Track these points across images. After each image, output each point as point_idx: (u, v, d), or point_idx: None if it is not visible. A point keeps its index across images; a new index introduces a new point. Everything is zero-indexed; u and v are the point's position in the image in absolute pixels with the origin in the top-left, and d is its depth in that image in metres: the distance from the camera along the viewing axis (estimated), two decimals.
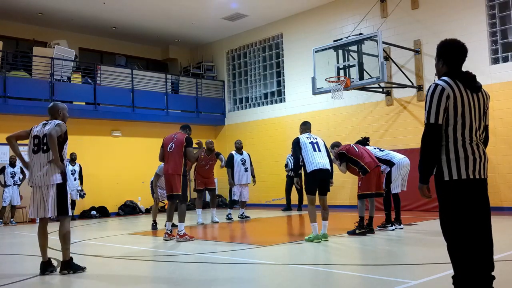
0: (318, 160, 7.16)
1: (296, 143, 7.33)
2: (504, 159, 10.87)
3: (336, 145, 8.38)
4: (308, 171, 7.15)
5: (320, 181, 7.19)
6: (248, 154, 11.45)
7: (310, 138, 7.41)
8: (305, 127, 7.68)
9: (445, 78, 3.16)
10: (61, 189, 5.26)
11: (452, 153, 3.09)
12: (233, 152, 11.30)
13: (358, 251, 6.58)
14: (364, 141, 8.70)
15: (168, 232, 7.93)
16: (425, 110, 3.16)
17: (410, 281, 4.26)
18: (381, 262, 5.48)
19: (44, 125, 5.52)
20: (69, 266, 5.26)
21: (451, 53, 3.25)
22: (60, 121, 5.47)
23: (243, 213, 11.45)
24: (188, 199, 8.85)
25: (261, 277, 5.05)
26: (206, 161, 10.64)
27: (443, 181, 3.12)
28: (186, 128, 8.52)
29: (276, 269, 5.43)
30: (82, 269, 5.33)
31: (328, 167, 7.24)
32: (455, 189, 3.09)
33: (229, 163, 11.13)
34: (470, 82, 3.15)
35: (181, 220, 7.73)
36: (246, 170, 11.15)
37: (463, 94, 3.10)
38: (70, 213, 5.39)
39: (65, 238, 5.27)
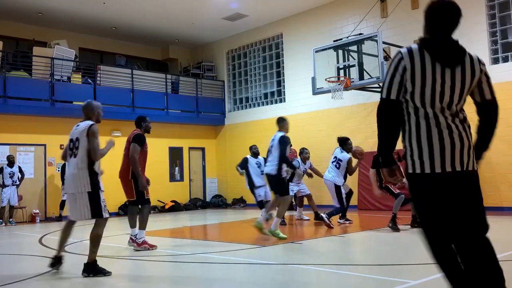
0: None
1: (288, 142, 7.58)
2: (504, 159, 10.86)
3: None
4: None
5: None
6: (264, 158, 11.55)
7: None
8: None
9: (414, 45, 2.61)
10: (93, 195, 5.08)
11: (414, 139, 2.56)
12: (248, 156, 11.30)
13: (358, 251, 6.58)
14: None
15: (133, 237, 7.03)
16: None
17: (410, 281, 4.26)
18: (381, 262, 5.48)
19: (77, 126, 5.31)
20: (92, 270, 5.07)
21: (430, 16, 2.67)
22: (92, 123, 5.22)
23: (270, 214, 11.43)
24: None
25: (261, 277, 5.05)
26: None
27: (407, 173, 2.63)
28: (139, 121, 7.38)
29: (276, 269, 5.42)
30: (105, 273, 5.08)
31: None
32: (420, 185, 2.57)
33: (243, 165, 11.16)
34: (442, 54, 2.55)
35: (142, 227, 6.86)
36: (262, 173, 11.22)
37: (427, 67, 2.51)
38: (106, 215, 5.20)
39: (93, 240, 5.15)
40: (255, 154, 11.40)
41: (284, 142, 7.41)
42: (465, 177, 2.53)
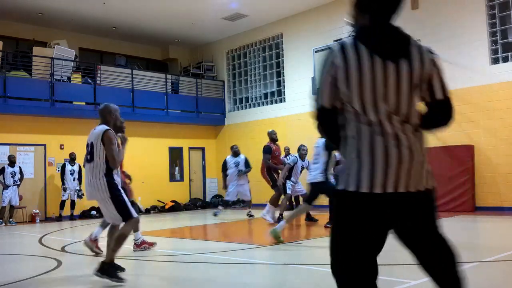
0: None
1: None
2: (504, 159, 10.86)
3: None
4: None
5: None
6: (245, 158, 11.83)
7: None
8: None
9: (348, 39, 2.12)
10: (117, 200, 4.77)
11: (352, 150, 2.01)
12: (227, 157, 11.88)
13: None
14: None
15: (93, 239, 6.57)
16: None
17: (410, 281, 4.26)
18: (381, 262, 5.46)
19: (94, 130, 4.99)
20: (107, 271, 4.65)
21: None
22: (107, 128, 4.88)
23: (249, 212, 11.76)
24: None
25: (261, 277, 5.05)
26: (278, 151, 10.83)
27: (336, 190, 2.11)
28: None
29: (276, 269, 5.42)
30: (119, 279, 4.62)
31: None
32: (350, 207, 2.03)
33: (223, 168, 11.90)
34: (380, 44, 2.03)
35: (135, 228, 6.70)
36: (239, 172, 11.61)
37: (364, 63, 1.99)
38: (135, 215, 4.84)
39: (118, 239, 4.78)
40: (235, 153, 11.79)
41: (332, 147, 7.04)
42: (412, 199, 1.99)
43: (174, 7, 14.26)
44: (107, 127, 4.90)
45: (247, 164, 11.70)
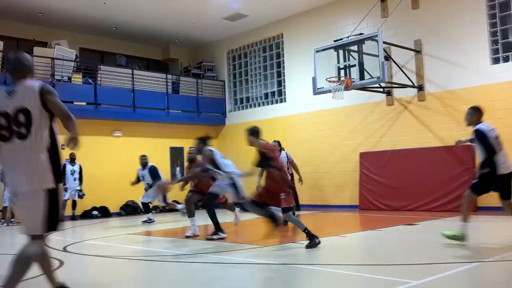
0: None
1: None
2: None
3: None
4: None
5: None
6: (151, 168, 11.79)
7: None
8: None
9: None
10: (54, 194, 3.62)
11: None
12: (139, 167, 11.98)
13: (358, 251, 6.59)
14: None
15: None
16: None
17: (410, 281, 4.26)
18: (381, 262, 5.48)
19: (10, 93, 3.53)
20: None
21: None
22: (42, 83, 3.65)
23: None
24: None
25: (261, 277, 5.06)
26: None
27: None
28: None
29: (276, 269, 5.43)
30: None
31: None
32: None
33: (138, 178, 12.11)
34: None
35: None
36: (152, 185, 11.63)
37: None
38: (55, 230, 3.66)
39: (22, 266, 3.70)
40: (142, 165, 11.86)
41: None
42: None
43: (174, 7, 14.27)
44: (37, 80, 3.66)
45: (153, 175, 11.55)
